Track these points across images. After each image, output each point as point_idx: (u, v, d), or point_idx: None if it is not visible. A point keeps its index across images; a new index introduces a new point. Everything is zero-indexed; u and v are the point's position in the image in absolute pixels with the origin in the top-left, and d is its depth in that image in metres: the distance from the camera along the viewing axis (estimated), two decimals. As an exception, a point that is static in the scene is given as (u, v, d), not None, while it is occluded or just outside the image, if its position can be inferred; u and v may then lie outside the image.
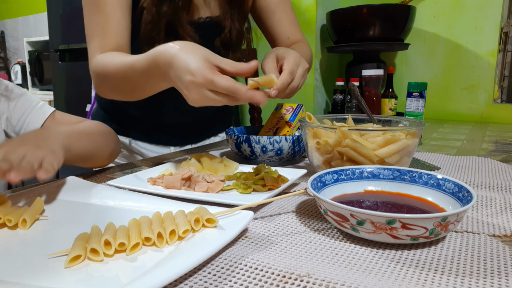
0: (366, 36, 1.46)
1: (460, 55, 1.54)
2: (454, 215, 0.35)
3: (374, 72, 1.08)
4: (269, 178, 0.52)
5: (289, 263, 0.33)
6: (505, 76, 1.52)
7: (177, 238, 0.37)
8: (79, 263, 0.33)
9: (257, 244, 0.38)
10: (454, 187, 0.43)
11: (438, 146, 0.93)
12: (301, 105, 0.80)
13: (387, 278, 0.31)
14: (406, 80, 1.66)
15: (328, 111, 1.81)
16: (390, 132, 0.53)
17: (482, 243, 0.37)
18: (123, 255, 0.35)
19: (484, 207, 0.48)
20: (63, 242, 0.37)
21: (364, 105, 0.68)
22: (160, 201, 0.47)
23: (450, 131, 1.20)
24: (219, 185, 0.53)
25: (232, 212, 0.41)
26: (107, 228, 0.37)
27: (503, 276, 0.31)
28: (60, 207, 0.48)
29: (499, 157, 0.78)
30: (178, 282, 0.31)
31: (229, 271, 0.32)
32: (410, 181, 0.47)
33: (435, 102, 1.58)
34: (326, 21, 1.57)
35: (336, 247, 0.37)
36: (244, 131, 0.82)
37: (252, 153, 0.69)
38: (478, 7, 1.48)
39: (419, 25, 1.59)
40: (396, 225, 0.34)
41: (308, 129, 0.58)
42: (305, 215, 0.45)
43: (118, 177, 0.58)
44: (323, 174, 0.47)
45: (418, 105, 0.90)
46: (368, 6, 1.42)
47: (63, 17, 2.20)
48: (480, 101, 1.53)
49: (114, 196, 0.50)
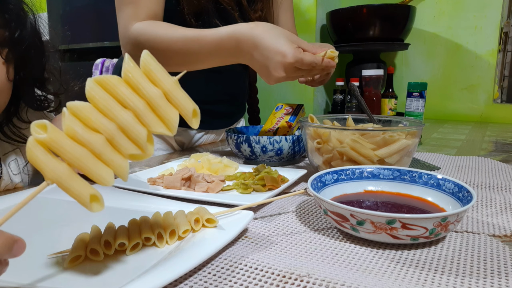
0: (366, 36, 1.46)
1: (460, 55, 1.54)
2: (454, 215, 0.35)
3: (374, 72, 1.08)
4: (269, 178, 0.52)
5: (289, 263, 0.33)
6: (505, 76, 1.52)
7: (177, 238, 0.37)
8: (79, 263, 0.33)
9: (257, 244, 0.38)
10: (454, 187, 0.43)
11: (438, 146, 0.93)
12: (301, 105, 0.80)
13: (387, 278, 0.31)
14: (406, 80, 1.66)
15: (328, 111, 1.81)
16: (390, 132, 0.53)
17: (482, 243, 0.37)
18: (123, 255, 0.35)
19: (484, 207, 0.48)
20: (63, 242, 0.37)
21: (364, 105, 0.68)
22: (160, 201, 0.47)
23: (450, 131, 1.20)
24: (219, 185, 0.53)
25: (232, 212, 0.41)
26: (107, 228, 0.37)
27: (503, 276, 0.31)
28: (60, 207, 0.48)
29: (499, 157, 0.78)
30: (178, 282, 0.31)
31: (229, 271, 0.32)
32: (410, 181, 0.47)
33: (435, 102, 1.58)
34: (326, 21, 1.57)
35: (336, 247, 0.37)
36: (244, 131, 0.82)
37: (252, 153, 0.69)
38: (478, 7, 1.48)
39: (419, 25, 1.59)
40: (396, 225, 0.34)
41: (308, 129, 0.58)
42: (305, 215, 0.45)
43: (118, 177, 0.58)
44: (323, 174, 0.47)
45: (418, 105, 0.90)
46: (368, 6, 1.42)
47: (63, 17, 2.20)
48: (480, 101, 1.53)
49: (114, 196, 0.50)
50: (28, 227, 0.41)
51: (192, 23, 0.78)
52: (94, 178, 0.29)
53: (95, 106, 0.29)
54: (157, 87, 0.31)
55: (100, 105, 0.29)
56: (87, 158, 0.28)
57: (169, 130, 0.31)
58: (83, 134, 0.28)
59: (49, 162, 0.28)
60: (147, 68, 0.31)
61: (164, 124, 0.31)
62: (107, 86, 0.30)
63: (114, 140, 0.29)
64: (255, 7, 0.88)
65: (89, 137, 0.28)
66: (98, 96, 0.29)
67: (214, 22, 0.81)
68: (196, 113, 0.32)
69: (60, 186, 0.28)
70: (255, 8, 0.88)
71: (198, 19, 0.79)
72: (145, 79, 0.31)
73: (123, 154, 0.30)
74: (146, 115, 0.30)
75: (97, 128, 0.29)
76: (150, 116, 0.31)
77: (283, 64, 0.59)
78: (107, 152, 0.29)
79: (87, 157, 0.28)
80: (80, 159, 0.28)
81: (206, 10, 0.80)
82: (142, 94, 0.30)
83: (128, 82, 0.30)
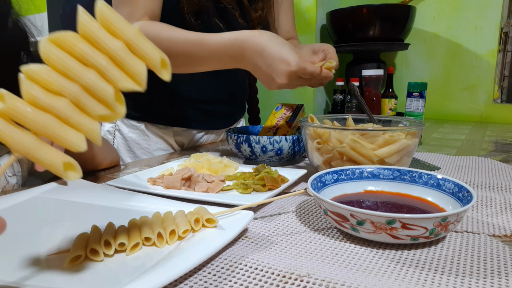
0: (366, 36, 1.46)
1: (460, 55, 1.54)
2: (454, 215, 0.35)
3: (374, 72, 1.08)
4: (269, 178, 0.52)
5: (289, 263, 0.33)
6: (505, 76, 1.52)
7: (177, 238, 0.37)
8: (79, 263, 0.33)
9: (257, 244, 0.38)
10: (454, 187, 0.43)
11: (438, 146, 0.93)
12: (301, 105, 0.80)
13: (387, 278, 0.31)
14: (406, 80, 1.66)
15: (328, 111, 1.81)
16: (390, 132, 0.53)
17: (482, 243, 0.37)
18: (123, 255, 0.35)
19: (484, 207, 0.48)
20: (63, 242, 0.37)
21: (364, 105, 0.68)
22: (160, 201, 0.47)
23: (450, 131, 1.20)
24: (219, 185, 0.53)
25: (232, 212, 0.41)
26: (107, 228, 0.37)
27: (503, 276, 0.31)
28: (60, 207, 0.48)
29: (499, 157, 0.78)
30: (178, 282, 0.31)
31: (229, 271, 0.32)
32: (410, 181, 0.47)
33: (435, 102, 1.58)
34: (326, 21, 1.57)
35: (336, 247, 0.37)
36: (244, 131, 0.82)
37: (252, 153, 0.69)
38: (478, 7, 1.48)
39: (419, 25, 1.59)
40: (396, 225, 0.34)
41: (308, 129, 0.58)
42: (305, 215, 0.45)
43: (118, 177, 0.58)
44: (323, 174, 0.47)
45: (418, 105, 0.90)
46: (368, 6, 1.42)
47: (63, 17, 2.19)
48: (480, 101, 1.53)
49: (114, 196, 0.50)
50: (28, 227, 0.41)
51: (191, 22, 0.78)
52: (64, 145, 0.27)
53: (54, 68, 0.27)
54: (118, 39, 0.28)
55: (59, 66, 0.27)
56: (53, 124, 0.27)
57: (137, 84, 0.29)
58: (45, 99, 0.26)
59: (13, 133, 0.26)
60: (104, 19, 0.28)
61: (131, 78, 0.28)
62: (64, 44, 0.27)
63: (80, 102, 0.27)
64: (255, 6, 0.88)
65: (52, 102, 0.26)
66: (54, 56, 0.27)
67: (214, 21, 0.80)
68: (165, 63, 0.29)
69: (29, 157, 0.26)
70: (255, 7, 0.88)
71: (198, 18, 0.79)
72: (103, 32, 0.28)
73: (92, 116, 0.28)
74: (110, 71, 0.28)
75: (59, 91, 0.27)
76: (114, 71, 0.28)
77: (287, 72, 0.61)
78: (74, 116, 0.27)
79: (53, 123, 0.27)
80: (45, 126, 0.26)
81: (206, 9, 0.79)
82: (103, 48, 0.28)
83: (86, 37, 0.28)
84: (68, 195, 0.51)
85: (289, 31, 0.98)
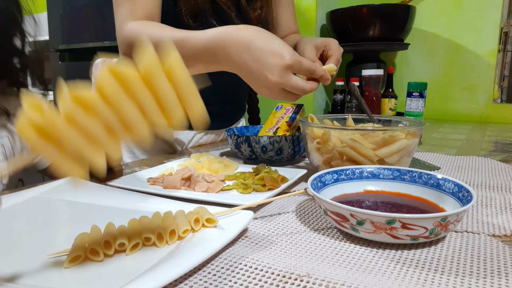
0: (366, 36, 1.46)
1: (460, 55, 1.54)
2: (454, 215, 0.35)
3: (374, 72, 1.08)
4: (269, 178, 0.52)
5: (289, 263, 0.33)
6: (505, 76, 1.52)
7: (177, 238, 0.37)
8: (79, 263, 0.33)
9: (257, 244, 0.38)
10: (454, 187, 0.43)
11: (438, 146, 0.93)
12: (301, 105, 0.80)
13: (387, 278, 0.31)
14: (406, 80, 1.66)
15: (328, 111, 1.81)
16: (390, 132, 0.53)
17: (482, 243, 0.37)
18: (123, 255, 0.35)
19: (484, 207, 0.48)
20: (63, 242, 0.37)
21: (364, 105, 0.68)
22: (160, 201, 0.47)
23: (450, 131, 1.20)
24: (219, 185, 0.53)
25: (232, 212, 0.41)
26: (107, 228, 0.37)
27: (503, 276, 0.31)
28: (60, 207, 0.48)
29: (499, 157, 0.78)
30: (178, 282, 0.31)
31: (229, 271, 0.32)
32: (410, 181, 0.47)
33: (435, 102, 1.58)
34: (326, 21, 1.57)
35: (336, 247, 0.37)
36: (244, 131, 0.82)
37: (252, 153, 0.69)
38: (478, 7, 1.48)
39: (419, 25, 1.59)
40: (396, 225, 0.34)
41: (308, 129, 0.58)
42: (305, 215, 0.45)
43: (118, 177, 0.58)
44: (323, 174, 0.47)
45: (418, 105, 0.90)
46: (368, 6, 1.42)
47: (63, 17, 2.19)
48: (480, 101, 1.53)
49: (114, 196, 0.50)
50: (28, 227, 0.41)
51: (190, 24, 0.77)
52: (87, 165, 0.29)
53: (101, 94, 0.28)
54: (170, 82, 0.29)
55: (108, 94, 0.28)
56: (83, 146, 0.28)
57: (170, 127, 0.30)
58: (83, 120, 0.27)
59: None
60: (171, 66, 0.29)
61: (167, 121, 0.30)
62: (120, 76, 0.28)
63: (112, 129, 0.28)
64: (254, 5, 0.88)
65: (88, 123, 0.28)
66: (108, 86, 0.28)
67: (211, 22, 0.80)
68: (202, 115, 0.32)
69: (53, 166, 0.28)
70: (254, 7, 0.88)
71: (196, 20, 0.78)
72: (161, 73, 0.29)
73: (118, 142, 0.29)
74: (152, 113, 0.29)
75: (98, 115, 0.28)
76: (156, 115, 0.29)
77: (280, 66, 0.54)
78: (104, 141, 0.28)
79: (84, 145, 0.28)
80: (77, 146, 0.27)
81: (203, 10, 0.79)
82: (154, 88, 0.29)
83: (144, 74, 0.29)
84: (68, 195, 0.51)
85: (291, 26, 0.98)
